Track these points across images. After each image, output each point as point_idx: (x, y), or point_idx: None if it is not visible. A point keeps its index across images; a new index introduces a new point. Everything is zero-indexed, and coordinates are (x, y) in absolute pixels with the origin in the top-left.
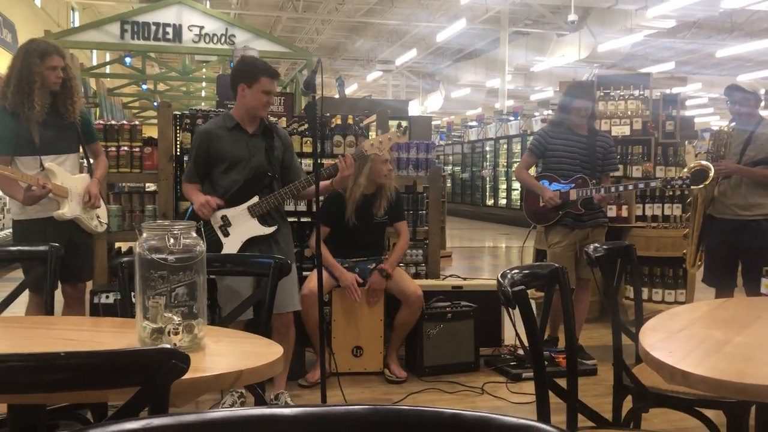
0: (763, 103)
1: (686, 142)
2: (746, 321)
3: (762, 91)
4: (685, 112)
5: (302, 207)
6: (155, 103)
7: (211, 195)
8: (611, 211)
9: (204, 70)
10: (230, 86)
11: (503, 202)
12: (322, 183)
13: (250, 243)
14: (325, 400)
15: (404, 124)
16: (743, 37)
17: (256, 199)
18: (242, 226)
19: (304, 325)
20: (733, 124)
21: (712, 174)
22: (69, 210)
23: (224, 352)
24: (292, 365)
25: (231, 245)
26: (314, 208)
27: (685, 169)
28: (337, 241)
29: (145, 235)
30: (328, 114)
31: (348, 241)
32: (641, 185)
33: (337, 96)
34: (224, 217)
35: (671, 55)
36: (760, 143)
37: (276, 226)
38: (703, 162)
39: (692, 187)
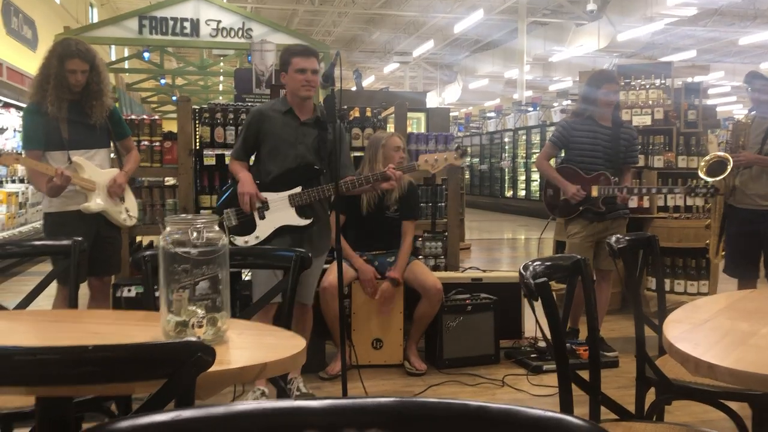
0: None
1: (708, 131)
2: None
3: None
4: (707, 100)
5: None
6: (174, 98)
7: (255, 175)
8: (632, 202)
9: (222, 64)
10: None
11: (522, 193)
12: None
13: (282, 231)
14: (346, 392)
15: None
16: (766, 24)
17: (298, 189)
18: (279, 213)
19: (323, 317)
20: (753, 112)
21: (730, 166)
22: (95, 203)
23: (247, 344)
24: (313, 358)
25: (264, 228)
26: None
27: (702, 162)
28: (354, 233)
29: (168, 228)
30: (346, 107)
31: (364, 233)
32: (664, 190)
33: (354, 88)
34: (264, 201)
35: (692, 44)
36: None
37: (312, 220)
38: (721, 153)
39: (710, 179)
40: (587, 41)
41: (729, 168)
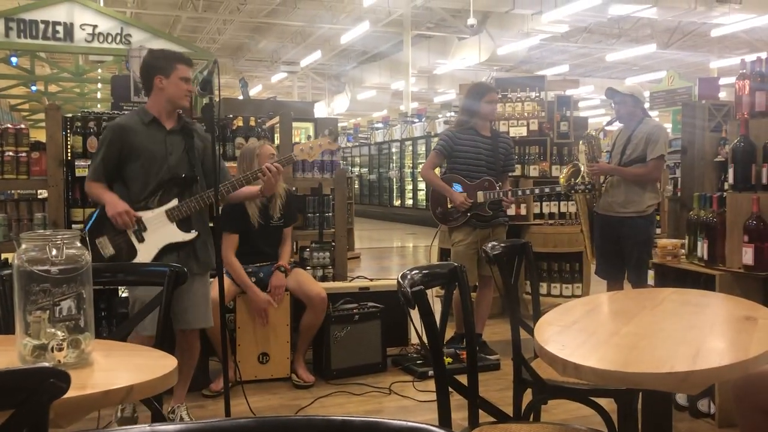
0: (647, 104)
1: (580, 141)
2: (632, 312)
3: (645, 93)
4: (578, 113)
5: None
6: None
7: (122, 196)
8: (510, 210)
9: (99, 71)
10: (144, 82)
11: (410, 202)
12: (252, 188)
13: (167, 250)
14: (228, 409)
15: (307, 123)
16: (629, 42)
17: (175, 202)
18: (159, 232)
19: (206, 332)
20: (617, 124)
21: (583, 174)
22: None
23: (114, 366)
24: (198, 375)
25: (146, 252)
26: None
27: (562, 175)
28: (240, 247)
29: (24, 245)
30: (230, 116)
31: (250, 246)
32: (547, 189)
33: (241, 97)
34: (139, 221)
35: (565, 59)
36: (636, 142)
37: (196, 233)
38: (578, 163)
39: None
40: (469, 55)
41: (582, 175)
